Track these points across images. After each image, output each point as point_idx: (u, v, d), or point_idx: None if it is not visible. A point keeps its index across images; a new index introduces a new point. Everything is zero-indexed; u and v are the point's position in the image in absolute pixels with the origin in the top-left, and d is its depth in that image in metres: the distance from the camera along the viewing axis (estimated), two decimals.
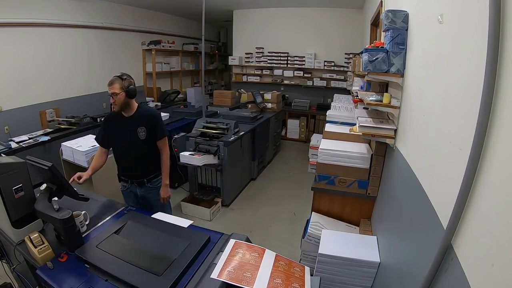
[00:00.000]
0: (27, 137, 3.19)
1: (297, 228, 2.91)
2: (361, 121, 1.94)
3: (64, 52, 4.30)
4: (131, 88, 1.86)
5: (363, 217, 2.38)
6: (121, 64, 5.35)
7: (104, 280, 1.17)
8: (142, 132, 1.92)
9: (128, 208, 1.75)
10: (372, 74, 1.83)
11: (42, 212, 1.32)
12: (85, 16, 4.54)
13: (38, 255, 1.24)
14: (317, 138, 4.57)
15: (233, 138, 3.36)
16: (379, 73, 1.79)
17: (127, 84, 1.85)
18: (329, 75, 5.95)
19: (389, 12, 1.72)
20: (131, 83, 1.88)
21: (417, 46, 1.56)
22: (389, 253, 1.69)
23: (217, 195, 3.44)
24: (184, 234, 1.44)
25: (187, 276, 1.19)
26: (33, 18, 3.80)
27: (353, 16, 5.51)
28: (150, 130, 1.94)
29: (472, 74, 0.87)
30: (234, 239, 1.35)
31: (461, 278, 0.80)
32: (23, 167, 1.37)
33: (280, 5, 5.88)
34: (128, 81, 1.86)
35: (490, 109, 0.76)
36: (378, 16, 3.16)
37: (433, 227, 1.03)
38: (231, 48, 7.04)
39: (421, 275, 1.02)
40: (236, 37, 6.64)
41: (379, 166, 2.17)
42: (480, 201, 0.79)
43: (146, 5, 5.60)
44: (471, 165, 0.81)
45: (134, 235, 1.44)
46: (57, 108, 4.02)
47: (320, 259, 1.92)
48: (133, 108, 1.95)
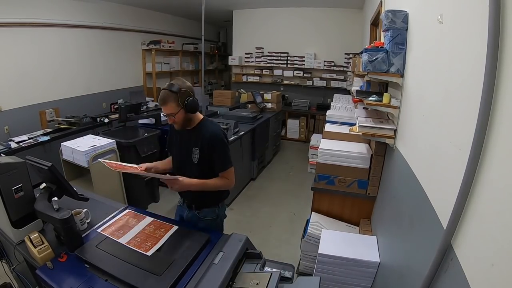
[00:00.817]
0: (27, 137, 3.19)
1: (297, 228, 2.91)
2: (361, 121, 1.94)
3: (64, 52, 4.30)
4: (191, 102, 1.45)
5: (363, 217, 2.38)
6: (121, 64, 5.37)
7: (104, 280, 1.17)
8: (196, 154, 1.53)
9: (128, 208, 1.74)
10: (372, 74, 1.83)
11: (42, 212, 1.32)
12: (85, 16, 4.54)
13: (38, 255, 1.24)
14: (317, 138, 4.57)
15: (233, 138, 3.36)
16: (379, 73, 1.79)
17: (185, 98, 1.44)
18: (329, 75, 5.95)
19: (389, 12, 1.73)
20: (189, 94, 1.45)
21: (417, 46, 1.56)
22: (389, 253, 1.69)
23: None
24: (184, 234, 1.44)
25: (187, 276, 1.19)
26: (34, 18, 3.80)
27: (353, 16, 5.51)
28: (206, 155, 1.52)
29: (472, 74, 0.87)
30: (234, 239, 1.35)
31: (461, 278, 0.80)
32: (23, 167, 1.37)
33: (280, 5, 5.88)
34: (185, 94, 1.44)
35: (490, 109, 0.76)
36: (378, 16, 3.16)
37: (433, 227, 1.03)
38: (231, 48, 7.04)
39: (421, 275, 1.02)
40: (236, 37, 6.64)
41: (379, 166, 2.17)
42: (480, 201, 0.79)
43: (146, 5, 5.60)
44: (471, 165, 0.81)
45: None
46: (57, 108, 4.02)
47: (320, 259, 1.92)
48: (196, 121, 1.55)
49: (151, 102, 5.32)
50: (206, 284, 1.10)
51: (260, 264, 1.30)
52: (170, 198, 3.68)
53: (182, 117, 1.47)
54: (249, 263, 1.32)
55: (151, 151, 3.24)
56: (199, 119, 1.56)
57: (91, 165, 2.55)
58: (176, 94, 1.41)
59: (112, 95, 5.08)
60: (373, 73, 1.81)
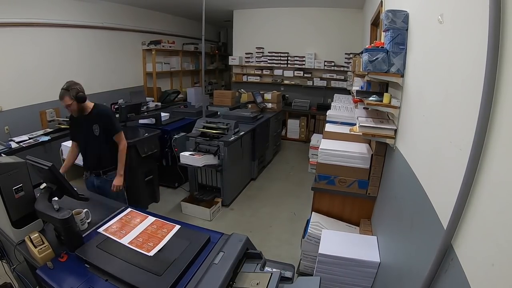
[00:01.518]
0: (27, 137, 3.19)
1: (297, 228, 2.91)
2: (361, 121, 1.94)
3: (64, 52, 4.30)
4: (80, 95, 2.02)
5: (363, 217, 2.38)
6: (121, 64, 5.37)
7: (104, 280, 1.17)
8: (96, 129, 2.13)
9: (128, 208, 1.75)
10: (372, 74, 1.83)
11: (42, 212, 1.32)
12: (85, 16, 4.54)
13: (38, 255, 1.24)
14: (317, 138, 4.57)
15: (233, 138, 3.36)
16: (379, 73, 1.79)
17: (75, 93, 2.00)
18: (329, 75, 5.95)
19: (389, 12, 1.73)
20: (79, 90, 2.02)
21: (417, 46, 1.56)
22: (389, 253, 1.69)
23: (217, 195, 3.43)
24: (184, 234, 1.44)
25: (187, 276, 1.19)
26: (34, 18, 3.80)
27: (353, 16, 5.51)
28: (104, 127, 2.13)
29: (472, 74, 0.87)
30: (234, 239, 1.35)
31: (461, 278, 0.80)
32: (23, 167, 1.37)
33: (280, 5, 5.88)
34: (75, 90, 2.00)
35: (490, 109, 0.76)
36: (378, 16, 3.16)
37: (433, 227, 1.03)
38: (231, 48, 7.04)
39: (421, 275, 1.02)
40: (236, 37, 6.64)
41: (379, 166, 2.17)
42: (480, 201, 0.79)
43: (146, 5, 5.60)
44: (471, 165, 0.80)
45: None
46: (57, 108, 4.02)
47: (320, 259, 1.92)
48: (88, 108, 2.13)
49: (151, 102, 5.32)
50: (206, 284, 1.10)
51: (260, 264, 1.30)
52: (171, 198, 3.69)
53: (76, 107, 2.03)
54: (249, 263, 1.32)
55: (151, 151, 3.24)
56: (91, 106, 2.14)
57: None
58: (68, 91, 1.98)
59: (113, 95, 5.08)
60: (374, 73, 1.80)
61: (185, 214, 3.31)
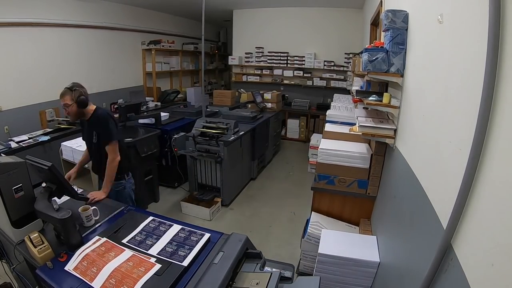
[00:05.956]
0: (27, 137, 3.19)
1: (297, 228, 2.91)
2: (361, 121, 1.94)
3: (64, 52, 4.30)
4: (81, 99, 1.89)
5: (363, 217, 2.38)
6: (121, 63, 5.37)
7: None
8: (94, 136, 2.00)
9: (128, 208, 1.75)
10: (372, 74, 1.83)
11: (42, 212, 1.32)
12: (85, 16, 4.54)
13: (38, 255, 1.24)
14: (317, 138, 4.57)
15: (233, 138, 3.36)
16: (379, 73, 1.79)
17: (78, 95, 1.87)
18: (329, 75, 5.94)
19: (389, 12, 1.73)
20: (82, 94, 1.90)
21: (417, 46, 1.56)
22: (389, 253, 1.69)
23: (217, 195, 3.43)
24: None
25: (187, 276, 1.19)
26: (34, 18, 3.80)
27: (353, 16, 5.51)
28: (99, 134, 1.98)
29: (472, 74, 0.87)
30: (234, 238, 1.35)
31: (461, 278, 0.80)
32: (23, 167, 1.37)
33: (280, 5, 5.88)
34: (78, 92, 1.88)
35: (490, 108, 0.76)
36: (378, 16, 3.16)
37: (433, 227, 1.03)
38: (231, 48, 7.04)
39: (421, 275, 1.02)
40: (236, 37, 6.64)
41: (379, 166, 2.17)
42: (480, 201, 0.79)
43: (146, 5, 5.60)
44: (471, 164, 0.81)
45: None
46: (57, 108, 4.01)
47: (320, 259, 1.92)
48: (89, 113, 1.99)
49: (151, 102, 5.32)
50: (206, 284, 1.10)
51: (260, 264, 1.30)
52: (170, 198, 3.69)
53: (74, 110, 1.90)
54: (249, 263, 1.32)
55: (151, 150, 3.24)
56: (92, 110, 1.99)
57: None
58: (72, 91, 1.87)
59: (112, 94, 5.08)
60: (373, 73, 1.80)
61: (184, 213, 3.31)
